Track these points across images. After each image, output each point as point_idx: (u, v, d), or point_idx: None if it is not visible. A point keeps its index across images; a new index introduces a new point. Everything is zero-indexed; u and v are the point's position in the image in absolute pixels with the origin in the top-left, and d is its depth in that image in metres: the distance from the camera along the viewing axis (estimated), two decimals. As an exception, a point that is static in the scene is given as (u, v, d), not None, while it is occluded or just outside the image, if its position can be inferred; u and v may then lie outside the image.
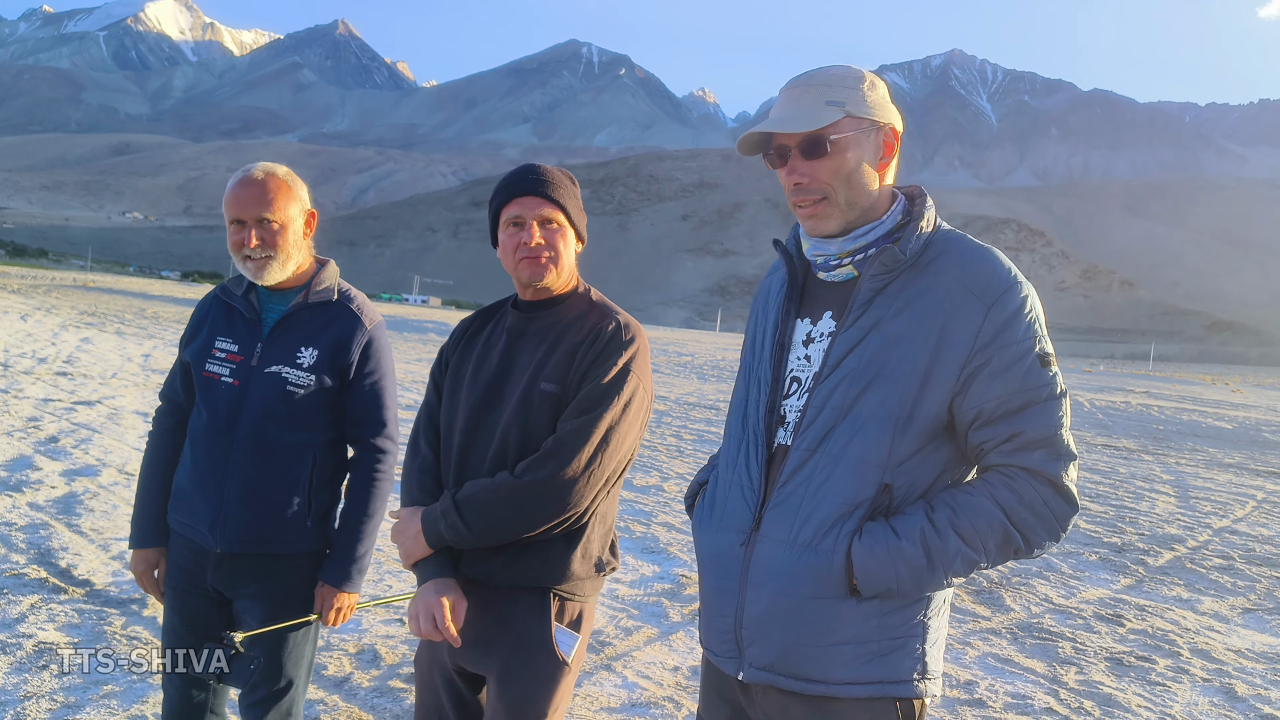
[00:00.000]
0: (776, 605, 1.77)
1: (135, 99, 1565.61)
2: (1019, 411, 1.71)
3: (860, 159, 1.80)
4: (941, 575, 1.71)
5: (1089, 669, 5.44)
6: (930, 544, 1.69)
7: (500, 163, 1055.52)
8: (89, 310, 36.37)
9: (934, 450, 1.78)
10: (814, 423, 1.78)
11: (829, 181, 1.79)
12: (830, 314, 1.85)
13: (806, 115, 1.78)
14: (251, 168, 2.65)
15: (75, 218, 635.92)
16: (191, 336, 2.79)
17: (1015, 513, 1.70)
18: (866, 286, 1.79)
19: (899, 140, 1.85)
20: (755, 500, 1.83)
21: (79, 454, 8.88)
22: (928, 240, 1.81)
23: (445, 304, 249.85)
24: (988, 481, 1.74)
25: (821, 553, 1.73)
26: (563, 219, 2.31)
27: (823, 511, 1.74)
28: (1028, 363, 1.72)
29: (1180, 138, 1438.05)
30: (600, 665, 4.89)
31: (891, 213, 1.86)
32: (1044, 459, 1.71)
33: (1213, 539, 9.78)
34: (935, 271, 1.77)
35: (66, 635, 4.59)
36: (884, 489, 1.73)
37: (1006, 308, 1.72)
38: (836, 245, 1.85)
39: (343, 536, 2.68)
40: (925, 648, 1.79)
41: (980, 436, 1.74)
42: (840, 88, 1.80)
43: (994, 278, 1.75)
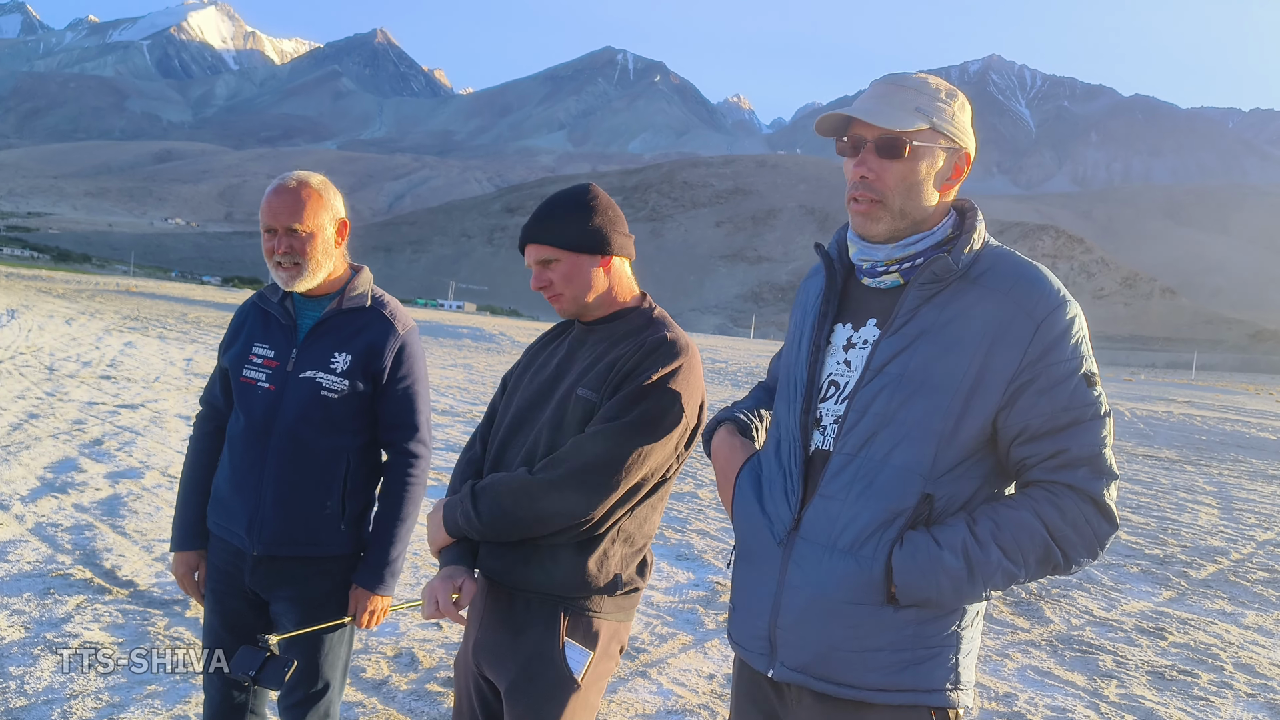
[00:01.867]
0: (813, 608, 1.78)
1: (178, 107, 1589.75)
2: (1064, 430, 1.71)
3: (929, 173, 1.80)
4: (981, 587, 1.72)
5: (1130, 682, 5.38)
6: (972, 556, 1.69)
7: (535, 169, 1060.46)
8: (132, 315, 36.94)
9: (976, 463, 1.78)
10: (855, 428, 1.78)
11: (892, 186, 1.79)
12: (875, 321, 1.85)
13: (892, 114, 1.77)
14: (287, 176, 2.68)
15: (118, 224, 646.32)
16: (230, 343, 2.84)
17: (1057, 529, 1.70)
18: (914, 295, 1.78)
19: (969, 166, 1.85)
20: (795, 501, 1.84)
21: (123, 456, 9.03)
22: (977, 254, 1.81)
23: (480, 309, 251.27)
24: (1031, 497, 1.74)
25: (861, 559, 1.74)
26: (557, 252, 2.30)
27: (864, 518, 1.74)
28: (1074, 382, 1.72)
29: (1223, 143, 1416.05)
30: (635, 672, 4.89)
31: (943, 225, 1.85)
32: (1087, 477, 1.71)
33: (1257, 551, 9.62)
34: (984, 285, 1.77)
35: (111, 635, 4.66)
36: (925, 499, 1.73)
37: (1056, 326, 1.72)
38: (885, 252, 1.84)
39: (376, 540, 2.71)
40: (959, 658, 1.79)
41: (1024, 452, 1.74)
42: (931, 99, 1.80)
43: (1044, 295, 1.74)
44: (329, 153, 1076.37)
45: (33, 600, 5.02)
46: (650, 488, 2.28)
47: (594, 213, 2.35)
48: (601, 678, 2.29)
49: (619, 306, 2.39)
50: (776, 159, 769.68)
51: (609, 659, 2.30)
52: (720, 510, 9.22)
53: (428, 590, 2.21)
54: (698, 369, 2.33)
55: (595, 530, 2.21)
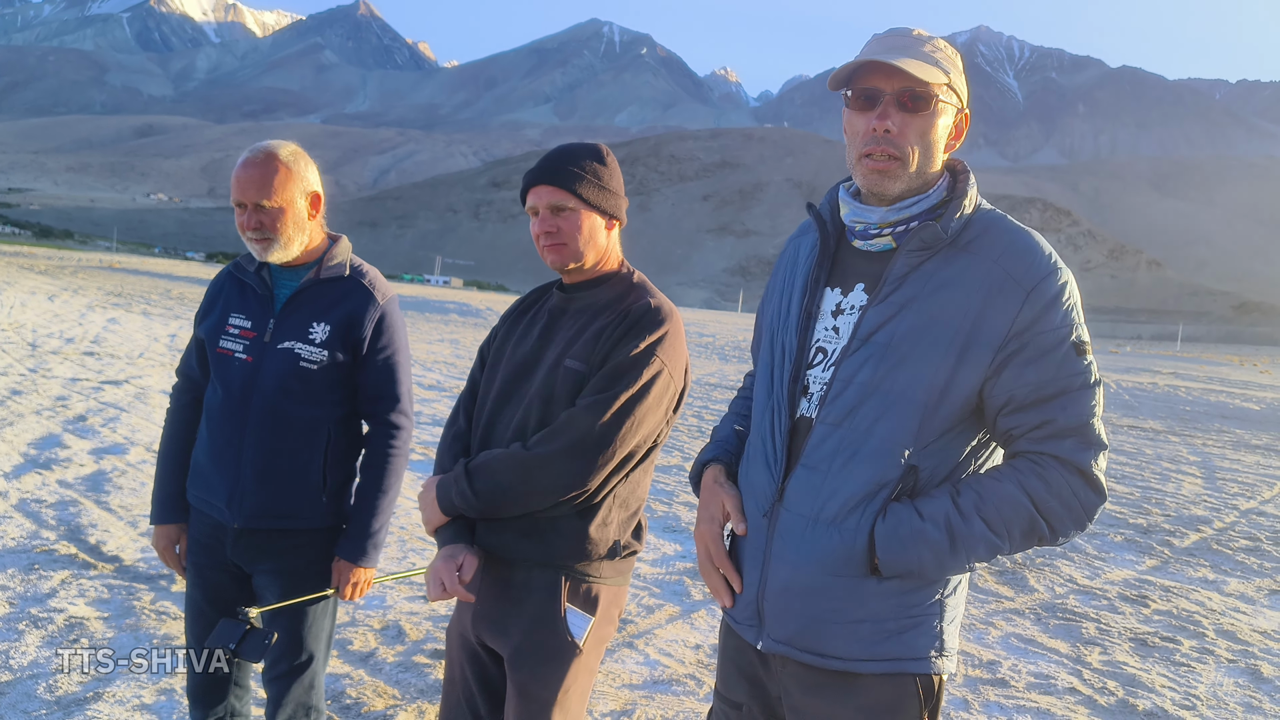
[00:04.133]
0: (796, 580, 1.76)
1: (159, 81, 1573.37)
2: (1051, 399, 1.68)
3: (943, 131, 1.76)
4: (964, 559, 1.69)
5: (1113, 649, 5.42)
6: (954, 528, 1.67)
7: (521, 143, 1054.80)
8: (115, 291, 36.70)
9: (961, 433, 1.75)
10: (840, 396, 1.74)
11: (912, 142, 1.72)
12: (862, 286, 1.80)
13: (920, 65, 1.69)
14: (256, 149, 2.63)
15: (100, 199, 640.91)
16: (206, 313, 2.80)
17: (1043, 501, 1.67)
18: (902, 261, 1.74)
19: (968, 126, 1.83)
20: (778, 471, 1.81)
21: (107, 432, 8.99)
22: (968, 219, 1.76)
23: (467, 284, 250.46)
24: (1016, 468, 1.71)
25: (845, 531, 1.72)
26: (576, 203, 2.27)
27: (847, 489, 1.72)
28: (1063, 350, 1.69)
29: (1210, 115, 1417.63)
30: (622, 643, 4.91)
31: (937, 187, 1.80)
32: (1074, 448, 1.68)
33: (1239, 520, 9.71)
34: (974, 251, 1.72)
35: (96, 610, 4.65)
36: (910, 470, 1.71)
37: (1046, 294, 1.68)
38: (879, 214, 1.79)
39: (358, 512, 2.69)
40: (943, 625, 1.78)
41: (1010, 422, 1.71)
42: (945, 54, 1.74)
43: (1035, 262, 1.70)
44: (312, 126, 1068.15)
45: (17, 576, 5.01)
46: (644, 453, 2.28)
47: (612, 174, 2.34)
48: (602, 642, 2.30)
49: (603, 271, 2.38)
50: (764, 132, 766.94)
51: (609, 624, 2.32)
52: (707, 482, 9.24)
53: (431, 574, 2.20)
54: (681, 334, 2.32)
55: (593, 498, 2.21)
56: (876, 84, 1.72)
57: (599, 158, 2.33)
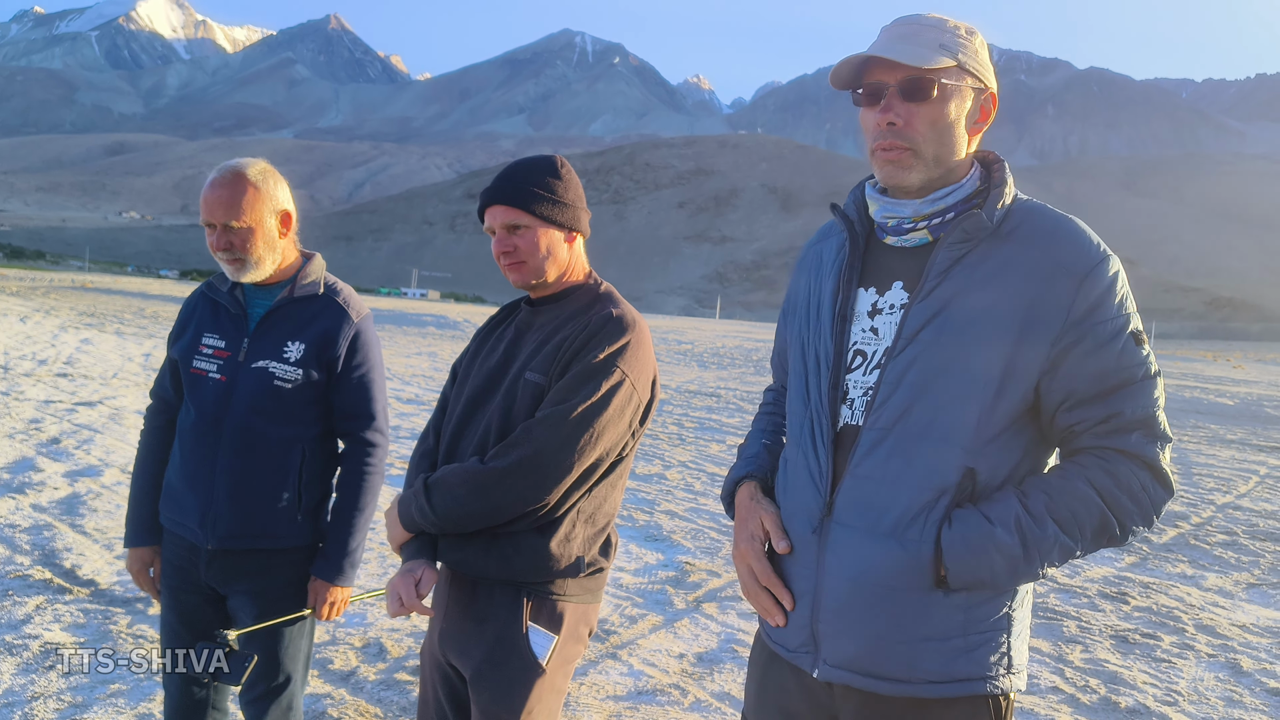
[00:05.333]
0: (856, 597, 1.66)
1: (129, 98, 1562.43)
2: (1114, 392, 1.61)
3: (959, 116, 1.67)
4: (1038, 565, 1.60)
5: (1094, 647, 5.45)
6: (1027, 531, 1.58)
7: (495, 154, 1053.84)
8: (88, 311, 36.34)
9: (1017, 433, 1.66)
10: (889, 400, 1.65)
11: (923, 131, 1.65)
12: (901, 284, 1.71)
13: (916, 51, 1.63)
14: (225, 168, 2.60)
15: (72, 218, 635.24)
16: (179, 334, 2.77)
17: (1113, 498, 1.60)
18: (944, 255, 1.65)
19: (996, 108, 1.74)
20: (824, 484, 1.71)
21: (81, 454, 8.88)
22: (1009, 209, 1.68)
23: (444, 297, 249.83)
24: (1082, 465, 1.63)
25: (907, 542, 1.62)
26: (532, 220, 2.23)
27: (906, 497, 1.62)
28: (1122, 340, 1.61)
29: (1177, 114, 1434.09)
30: (605, 654, 4.88)
31: (970, 177, 1.73)
32: (1141, 441, 1.61)
33: (1216, 515, 9.80)
34: (1019, 241, 1.64)
35: (72, 635, 4.59)
36: (968, 473, 1.62)
37: (1099, 283, 1.60)
38: (912, 207, 1.71)
39: (334, 530, 2.67)
40: (1011, 640, 1.69)
41: (1072, 418, 1.63)
42: (955, 35, 1.67)
43: (1084, 250, 1.62)
44: (285, 141, 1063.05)
45: (-10, 603, 4.92)
46: (607, 467, 2.24)
47: (568, 187, 2.30)
48: (568, 661, 2.25)
49: (570, 284, 2.35)
50: (738, 139, 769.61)
51: (576, 642, 2.26)
52: (688, 490, 9.24)
53: (390, 588, 2.17)
54: (647, 344, 2.27)
55: (554, 513, 2.17)
56: (880, 77, 1.67)
57: (554, 172, 2.29)
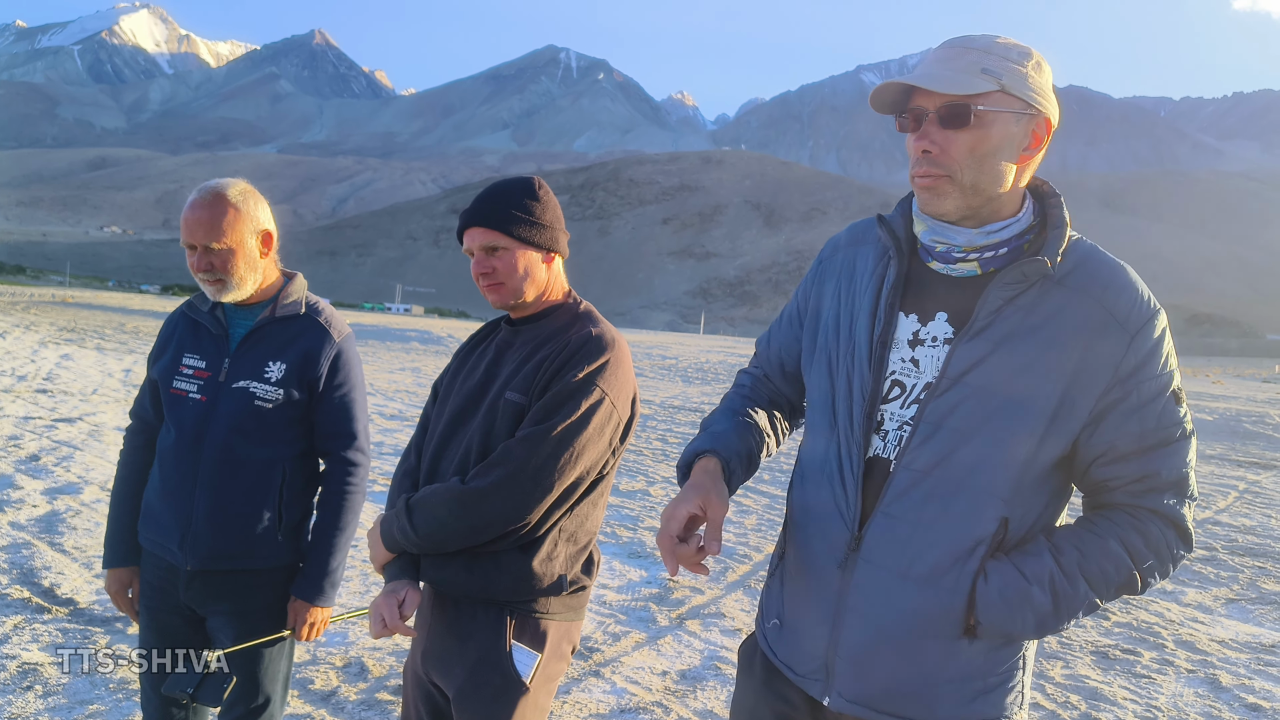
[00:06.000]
0: (882, 640, 1.64)
1: (111, 113, 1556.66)
2: (1152, 450, 1.59)
3: (1003, 143, 1.59)
4: (1064, 621, 1.60)
5: (1075, 663, 5.46)
6: (1059, 589, 1.57)
7: (480, 170, 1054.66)
8: (68, 326, 36.07)
9: (1046, 480, 1.64)
10: (929, 441, 1.61)
11: (960, 159, 1.59)
12: (945, 316, 1.66)
13: (955, 77, 1.57)
14: (205, 188, 2.61)
15: (53, 233, 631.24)
16: (159, 354, 2.77)
17: (1141, 557, 1.59)
18: (997, 293, 1.60)
19: (1050, 134, 1.64)
20: (853, 517, 1.67)
21: (60, 472, 8.81)
22: (1064, 251, 1.63)
23: (428, 312, 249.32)
24: (1115, 523, 1.62)
25: (941, 591, 1.60)
26: (510, 242, 2.25)
27: (942, 545, 1.60)
28: (1165, 399, 1.60)
29: (1155, 132, 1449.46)
30: (588, 672, 4.87)
31: (1025, 211, 1.67)
32: (1173, 501, 1.61)
33: (1195, 530, 9.83)
34: (1072, 287, 1.60)
35: (51, 655, 4.53)
36: (1003, 523, 1.59)
37: (1149, 338, 1.58)
38: (966, 236, 1.64)
39: (315, 550, 2.66)
40: (1025, 679, 1.71)
41: (1107, 473, 1.62)
42: (1001, 59, 1.59)
43: (1137, 302, 1.59)
44: (269, 156, 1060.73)
45: (-33, 623, 4.86)
46: (588, 485, 2.25)
47: (545, 208, 2.32)
48: (551, 679, 2.26)
49: (549, 304, 2.36)
50: (721, 155, 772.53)
51: (559, 660, 2.27)
52: (672, 507, 9.22)
53: (373, 609, 2.18)
54: (626, 362, 2.29)
55: (536, 532, 2.18)
56: (920, 103, 1.62)
57: (531, 193, 2.31)
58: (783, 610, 1.83)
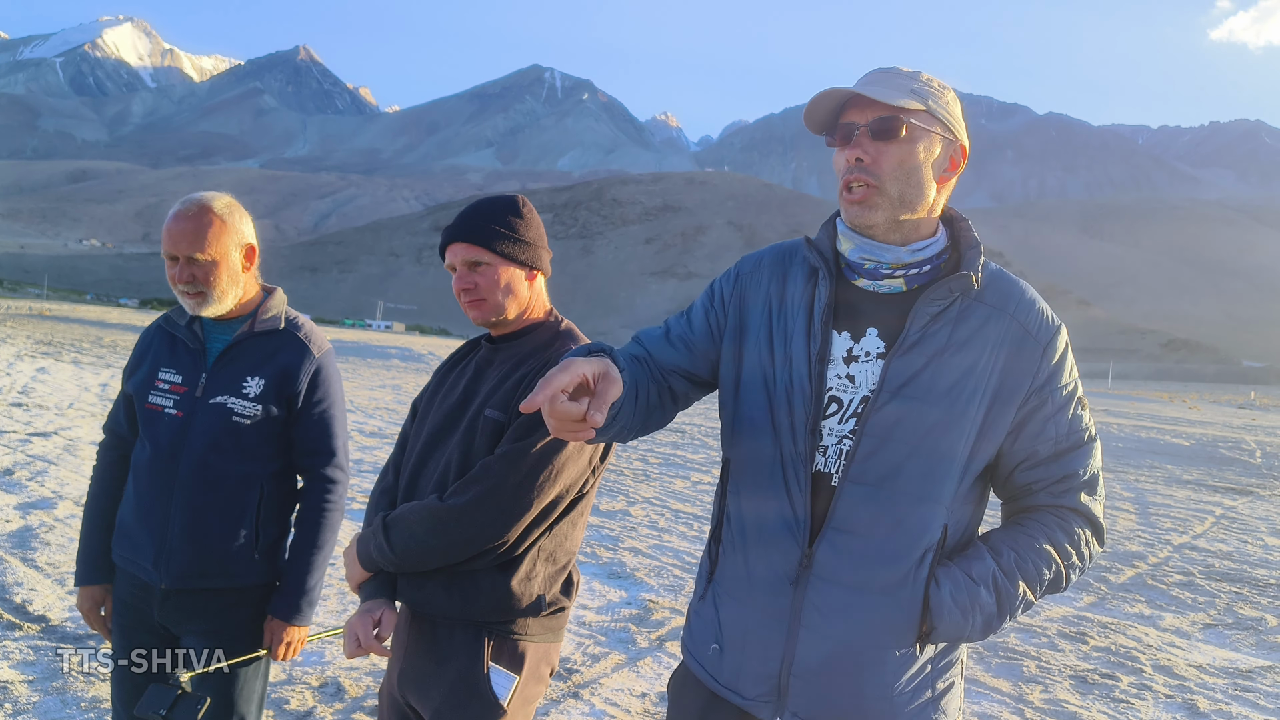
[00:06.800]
0: (842, 656, 1.67)
1: (93, 125, 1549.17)
2: (1068, 453, 1.70)
3: (927, 160, 1.69)
4: (1006, 620, 1.67)
5: (1054, 687, 5.47)
6: (1001, 590, 1.65)
7: (463, 187, 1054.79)
8: (45, 339, 35.74)
9: (975, 486, 1.73)
10: (875, 454, 1.65)
11: (889, 170, 1.67)
12: (876, 331, 1.71)
13: (889, 92, 1.66)
14: (190, 200, 2.58)
15: (31, 245, 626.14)
16: (134, 368, 2.74)
17: (1067, 553, 1.70)
18: (925, 309, 1.67)
19: (965, 162, 1.77)
20: (802, 534, 1.69)
21: (34, 486, 8.71)
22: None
23: (409, 329, 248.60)
24: (1043, 523, 1.72)
25: (900, 600, 1.65)
26: (492, 258, 2.25)
27: (897, 555, 1.64)
28: (1075, 405, 1.71)
29: (1134, 159, 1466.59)
30: (567, 693, 4.84)
31: (940, 233, 1.77)
32: (1088, 499, 1.72)
33: (1173, 555, 9.92)
34: (990, 303, 1.70)
35: (21, 673, 4.46)
36: (945, 530, 1.67)
37: (1057, 349, 1.70)
38: (894, 254, 1.72)
39: (292, 569, 2.62)
40: (962, 682, 1.79)
41: (1030, 477, 1.72)
42: (925, 85, 1.71)
43: (1044, 317, 1.71)
44: (251, 171, 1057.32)
45: (-64, 639, 4.77)
46: (567, 504, 2.23)
47: (529, 226, 2.33)
48: (530, 701, 2.24)
49: (530, 322, 2.35)
50: (705, 176, 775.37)
51: (538, 681, 2.25)
52: (652, 528, 9.21)
53: (348, 628, 2.16)
54: None
55: (514, 551, 2.16)
56: (852, 119, 1.70)
57: (515, 211, 2.32)
58: (721, 634, 1.81)
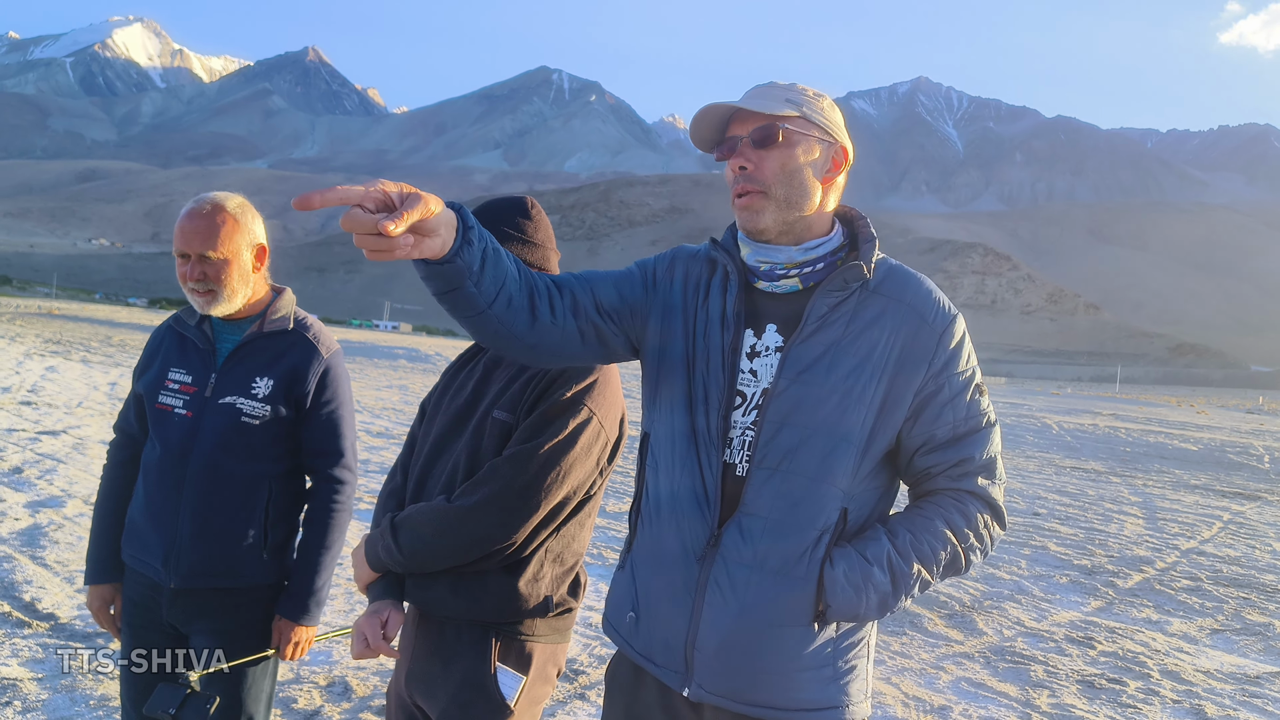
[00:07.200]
0: (740, 631, 1.73)
1: (102, 125, 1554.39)
2: (964, 438, 1.77)
3: (807, 162, 1.77)
4: (901, 599, 1.73)
5: (1061, 692, 5.47)
6: (896, 569, 1.70)
7: (470, 188, 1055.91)
8: (54, 338, 35.88)
9: (879, 472, 1.79)
10: (774, 441, 1.72)
11: (771, 173, 1.76)
12: (775, 327, 1.80)
13: (765, 104, 1.77)
14: (203, 199, 2.60)
15: (40, 244, 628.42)
16: (145, 368, 2.75)
17: (964, 535, 1.75)
18: (821, 301, 1.76)
19: (848, 162, 1.85)
20: (712, 517, 1.76)
21: (43, 485, 8.74)
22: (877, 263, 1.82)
23: (416, 329, 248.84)
24: (939, 505, 1.78)
25: (794, 580, 1.70)
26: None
27: (793, 537, 1.71)
28: (971, 391, 1.78)
29: (1142, 163, 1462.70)
30: (573, 694, 4.84)
31: (836, 232, 1.85)
32: (986, 483, 1.78)
33: (1180, 560, 9.88)
34: (887, 294, 1.77)
35: (30, 670, 4.49)
36: (843, 513, 1.73)
37: (954, 337, 1.77)
38: (786, 254, 1.80)
39: (300, 569, 2.64)
40: (869, 666, 1.82)
41: (928, 461, 1.78)
42: (800, 94, 1.81)
43: (939, 306, 1.78)
44: (259, 171, 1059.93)
45: (-54, 637, 4.80)
46: (575, 505, 2.24)
47: (538, 227, 2.35)
48: (536, 702, 2.25)
49: None
50: (712, 178, 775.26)
51: (545, 682, 2.26)
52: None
53: (356, 629, 2.17)
54: (615, 382, 2.29)
55: (521, 553, 2.17)
56: (735, 132, 1.80)
57: (524, 212, 2.34)
58: (637, 602, 1.88)
